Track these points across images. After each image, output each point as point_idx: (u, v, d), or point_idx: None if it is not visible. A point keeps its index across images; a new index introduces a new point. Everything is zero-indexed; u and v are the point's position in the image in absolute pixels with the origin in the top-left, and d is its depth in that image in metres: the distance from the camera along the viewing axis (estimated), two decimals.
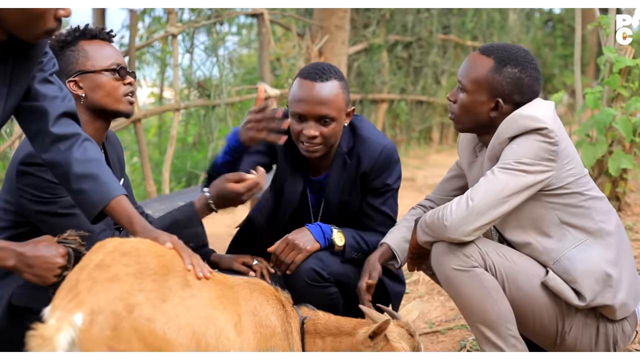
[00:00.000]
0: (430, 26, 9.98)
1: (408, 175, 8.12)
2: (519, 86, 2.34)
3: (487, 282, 2.26)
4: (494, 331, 2.25)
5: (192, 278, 1.82)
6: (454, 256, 2.26)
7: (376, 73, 9.31)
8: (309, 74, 2.53)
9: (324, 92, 2.50)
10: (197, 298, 1.78)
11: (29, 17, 1.81)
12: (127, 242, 1.84)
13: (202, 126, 7.31)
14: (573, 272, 2.29)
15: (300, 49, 7.89)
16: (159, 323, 1.65)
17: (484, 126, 2.41)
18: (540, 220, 2.33)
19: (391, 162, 2.67)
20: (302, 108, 2.50)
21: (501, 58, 2.35)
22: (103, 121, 2.44)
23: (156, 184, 6.40)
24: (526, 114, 2.30)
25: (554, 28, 14.84)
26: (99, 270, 1.70)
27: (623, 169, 4.31)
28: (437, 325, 3.36)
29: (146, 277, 1.72)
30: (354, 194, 2.68)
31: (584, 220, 2.33)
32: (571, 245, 2.32)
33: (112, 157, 2.53)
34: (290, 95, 2.56)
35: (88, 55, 2.39)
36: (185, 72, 7.27)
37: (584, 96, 4.41)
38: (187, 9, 6.99)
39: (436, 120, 10.52)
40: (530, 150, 2.25)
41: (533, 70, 2.36)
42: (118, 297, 1.64)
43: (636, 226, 4.24)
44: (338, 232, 2.60)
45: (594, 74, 13.11)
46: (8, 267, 1.91)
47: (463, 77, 2.40)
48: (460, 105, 2.41)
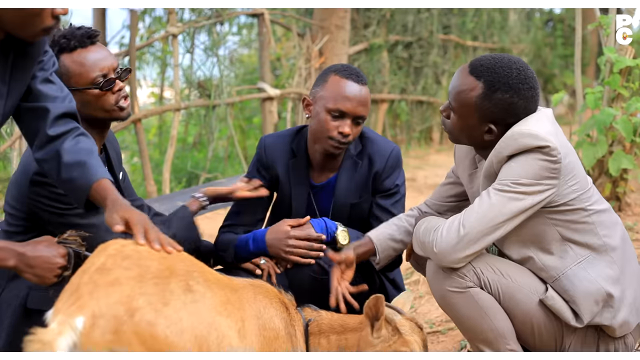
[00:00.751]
0: (430, 26, 9.97)
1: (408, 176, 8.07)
2: (512, 110, 2.20)
3: (482, 301, 2.21)
4: (492, 348, 2.23)
5: (195, 282, 1.81)
6: (449, 277, 2.22)
7: (376, 73, 9.31)
8: (351, 75, 2.60)
9: (364, 94, 2.59)
10: (200, 303, 1.78)
11: (26, 16, 1.80)
12: (128, 245, 1.83)
13: (203, 126, 7.32)
14: (572, 292, 2.22)
15: (301, 49, 7.89)
16: (161, 327, 1.64)
17: (480, 146, 2.33)
18: (541, 236, 2.24)
19: (400, 163, 2.74)
20: (346, 106, 2.56)
21: (491, 83, 2.20)
22: (100, 127, 2.45)
23: (156, 184, 6.40)
24: (526, 132, 2.15)
25: (554, 28, 14.83)
26: (100, 274, 1.70)
27: (623, 169, 4.31)
28: (437, 325, 3.36)
29: (147, 280, 1.71)
30: (364, 196, 2.69)
31: (587, 237, 2.24)
32: (572, 263, 2.24)
33: (112, 154, 2.54)
34: (329, 92, 2.58)
35: (69, 72, 2.33)
36: (186, 72, 7.27)
37: (584, 96, 4.41)
38: (187, 9, 6.99)
39: (436, 120, 10.51)
40: (530, 169, 2.13)
41: (527, 90, 2.20)
42: (119, 301, 1.64)
43: (636, 226, 4.24)
44: (343, 230, 2.60)
45: (594, 74, 13.10)
46: (9, 267, 1.91)
47: (452, 99, 2.28)
48: (453, 125, 2.31)
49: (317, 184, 2.73)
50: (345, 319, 2.27)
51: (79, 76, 2.34)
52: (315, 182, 2.73)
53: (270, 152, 2.72)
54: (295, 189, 2.70)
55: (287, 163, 2.71)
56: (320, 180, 2.73)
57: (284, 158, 2.71)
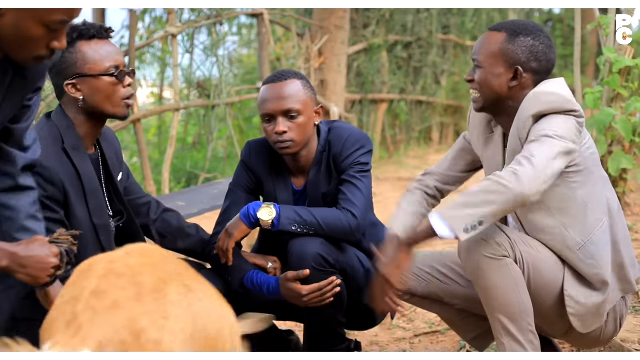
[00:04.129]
0: (430, 26, 9.98)
1: (408, 175, 8.12)
2: (535, 53, 2.34)
3: (515, 273, 2.25)
4: (515, 323, 2.25)
5: (193, 282, 1.76)
6: (487, 243, 2.24)
7: (376, 73, 9.32)
8: (269, 79, 2.64)
9: (285, 89, 2.58)
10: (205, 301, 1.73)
11: (22, 38, 1.75)
12: (116, 261, 1.74)
13: (202, 126, 7.32)
14: (599, 258, 2.32)
15: (300, 49, 7.89)
16: (167, 342, 1.59)
17: (504, 99, 2.37)
18: (564, 201, 2.31)
19: (361, 145, 2.62)
20: (268, 107, 2.57)
21: (512, 30, 2.36)
22: (99, 122, 2.44)
23: (156, 184, 6.39)
24: (550, 91, 2.29)
25: (553, 28, 14.83)
26: (97, 299, 1.61)
27: (623, 169, 4.31)
28: (437, 325, 3.36)
29: (145, 297, 1.65)
30: (332, 183, 2.66)
31: (602, 200, 2.35)
32: (595, 228, 2.33)
33: (109, 154, 2.52)
34: (257, 104, 2.65)
35: (86, 58, 2.36)
36: (185, 72, 7.27)
37: (583, 96, 4.41)
38: (187, 9, 6.99)
39: (436, 120, 10.52)
40: (563, 125, 2.22)
41: (545, 38, 2.36)
42: (123, 325, 1.57)
43: (636, 226, 4.24)
44: (268, 207, 2.51)
45: (594, 74, 13.11)
46: (1, 267, 1.88)
47: (478, 54, 2.40)
48: (479, 81, 2.38)
49: (298, 188, 2.73)
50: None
51: (94, 63, 2.36)
52: (297, 187, 2.73)
53: (255, 157, 2.74)
54: (279, 194, 2.70)
55: (271, 168, 2.72)
56: (300, 185, 2.73)
57: (267, 165, 2.72)
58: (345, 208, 2.53)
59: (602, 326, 2.40)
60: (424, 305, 2.63)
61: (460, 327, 2.65)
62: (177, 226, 2.70)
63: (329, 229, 2.51)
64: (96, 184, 2.41)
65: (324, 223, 2.51)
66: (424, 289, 2.54)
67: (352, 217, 2.52)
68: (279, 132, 2.55)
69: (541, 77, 2.36)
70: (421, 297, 2.57)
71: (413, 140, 10.22)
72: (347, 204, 2.54)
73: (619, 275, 2.39)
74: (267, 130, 2.59)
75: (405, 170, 8.54)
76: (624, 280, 2.40)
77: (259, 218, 2.50)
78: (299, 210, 2.53)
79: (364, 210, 2.57)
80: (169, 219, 2.70)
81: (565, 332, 2.42)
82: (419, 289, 2.53)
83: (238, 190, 2.74)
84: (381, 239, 2.47)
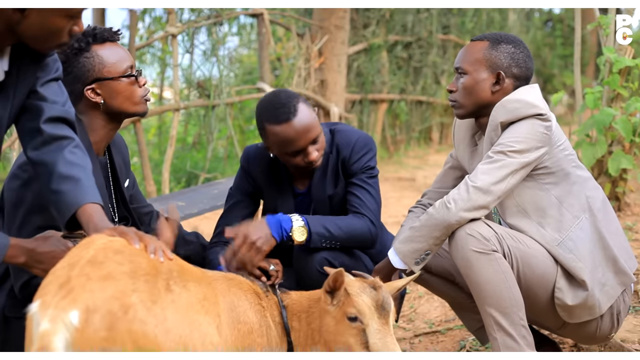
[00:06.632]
0: (430, 26, 9.97)
1: (408, 175, 8.12)
2: (516, 60, 2.47)
3: (504, 267, 2.30)
4: (506, 318, 2.29)
5: (173, 282, 1.78)
6: (474, 239, 2.30)
7: (376, 73, 9.31)
8: (280, 117, 2.52)
9: (304, 119, 2.52)
10: (178, 303, 1.74)
11: (47, 32, 1.84)
12: (116, 240, 1.80)
13: (202, 126, 7.31)
14: (577, 252, 2.37)
15: (300, 49, 7.89)
16: (151, 326, 1.61)
17: (485, 106, 2.48)
18: (539, 202, 2.40)
19: (368, 148, 2.69)
20: (299, 145, 2.54)
21: (495, 39, 2.50)
22: (117, 123, 2.47)
23: (156, 184, 6.40)
24: (516, 97, 2.40)
25: (553, 28, 14.83)
26: (92, 267, 1.65)
27: (623, 169, 4.31)
28: (437, 325, 3.36)
29: (139, 277, 1.68)
30: (339, 185, 2.69)
31: (579, 198, 2.41)
32: (572, 225, 2.40)
33: (117, 159, 2.54)
34: (275, 143, 2.56)
35: (103, 62, 2.38)
36: (185, 72, 7.27)
37: (583, 96, 4.41)
38: (187, 9, 6.99)
39: (436, 120, 10.51)
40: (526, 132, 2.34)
41: (525, 48, 2.50)
42: (113, 296, 1.59)
43: (636, 226, 4.24)
44: (300, 227, 2.51)
45: (594, 74, 13.10)
46: (19, 264, 1.94)
47: (462, 62, 2.52)
48: (462, 88, 2.50)
49: (300, 190, 2.75)
50: (312, 294, 2.29)
51: (113, 66, 2.39)
52: (299, 189, 2.75)
53: (253, 162, 2.76)
54: (279, 199, 2.72)
55: (270, 174, 2.74)
56: (303, 187, 2.75)
57: (266, 169, 2.74)
58: (362, 214, 2.60)
59: (597, 321, 2.41)
60: (438, 286, 2.68)
61: (468, 314, 2.69)
62: (178, 234, 2.71)
63: (354, 240, 2.58)
64: (103, 188, 2.43)
65: (350, 235, 2.56)
66: (437, 264, 2.61)
67: (371, 224, 2.60)
68: (313, 160, 2.57)
69: (520, 83, 2.48)
70: (435, 273, 2.63)
71: (413, 140, 10.21)
72: (363, 209, 2.61)
73: (614, 268, 2.42)
74: (296, 161, 2.58)
75: (405, 170, 8.53)
76: (620, 273, 2.43)
77: (290, 236, 2.51)
78: (326, 223, 2.54)
79: (379, 216, 2.65)
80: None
81: (561, 326, 2.44)
82: (433, 263, 2.59)
83: (239, 194, 2.78)
84: (385, 243, 2.67)
